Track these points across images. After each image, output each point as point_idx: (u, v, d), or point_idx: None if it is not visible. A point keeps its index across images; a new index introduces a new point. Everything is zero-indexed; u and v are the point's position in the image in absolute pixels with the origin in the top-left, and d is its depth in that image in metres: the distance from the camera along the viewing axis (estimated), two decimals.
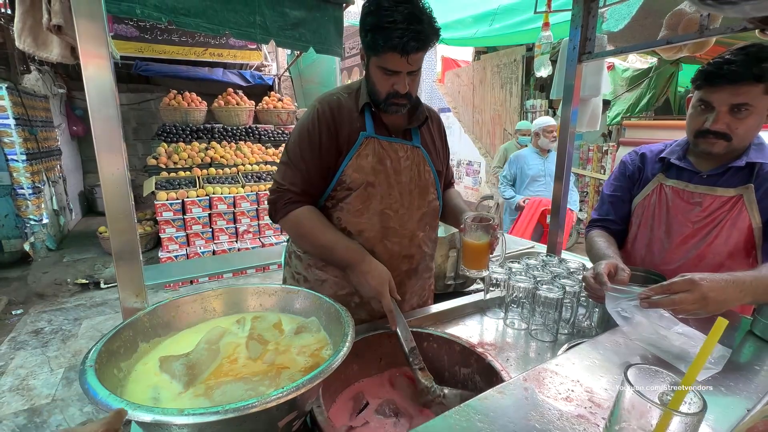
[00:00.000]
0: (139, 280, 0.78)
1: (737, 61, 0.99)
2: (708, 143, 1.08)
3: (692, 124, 1.12)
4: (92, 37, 0.65)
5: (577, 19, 1.37)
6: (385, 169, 1.08)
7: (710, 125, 1.05)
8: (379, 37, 0.93)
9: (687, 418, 0.43)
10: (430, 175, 1.16)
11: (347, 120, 1.08)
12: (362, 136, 1.06)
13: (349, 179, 1.06)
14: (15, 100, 4.18)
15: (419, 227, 1.16)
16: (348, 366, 0.93)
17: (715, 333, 0.45)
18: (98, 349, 0.60)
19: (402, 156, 1.11)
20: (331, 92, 1.13)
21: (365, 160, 1.06)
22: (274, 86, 6.87)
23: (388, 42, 0.92)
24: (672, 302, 0.82)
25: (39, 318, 3.41)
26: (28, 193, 4.30)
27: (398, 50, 0.93)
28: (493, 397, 0.66)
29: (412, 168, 1.13)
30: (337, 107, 1.08)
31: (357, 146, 1.06)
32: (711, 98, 1.05)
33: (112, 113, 0.71)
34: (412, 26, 0.91)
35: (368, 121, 1.08)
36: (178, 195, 4.26)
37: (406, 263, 1.17)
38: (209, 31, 2.83)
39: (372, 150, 1.07)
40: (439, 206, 1.23)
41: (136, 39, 5.62)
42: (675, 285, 0.82)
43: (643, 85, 6.20)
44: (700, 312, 0.83)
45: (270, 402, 0.50)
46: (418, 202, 1.15)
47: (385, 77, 1.00)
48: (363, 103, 1.07)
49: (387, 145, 1.09)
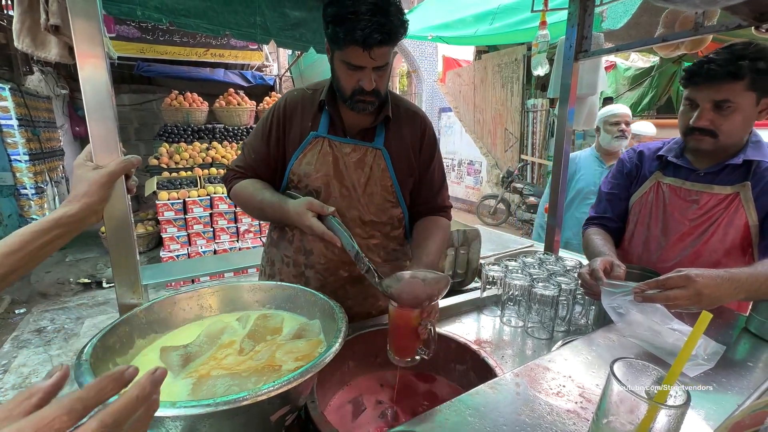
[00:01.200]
0: (136, 277, 0.78)
1: (717, 60, 1.01)
2: (695, 140, 1.10)
3: (681, 122, 1.15)
4: (88, 37, 0.66)
5: (574, 18, 1.37)
6: (328, 170, 1.04)
7: (694, 122, 1.07)
8: (340, 29, 0.87)
9: (671, 410, 0.44)
10: (388, 180, 1.08)
11: (301, 116, 1.07)
12: (311, 136, 1.05)
13: (295, 177, 1.07)
14: (18, 101, 4.21)
15: (365, 233, 1.09)
16: (343, 362, 0.94)
17: (700, 327, 0.45)
18: (93, 344, 0.60)
19: (354, 157, 1.06)
20: (301, 87, 1.12)
21: (310, 158, 1.05)
22: (275, 86, 6.90)
23: (349, 35, 0.86)
24: (666, 298, 0.82)
25: (42, 317, 3.44)
26: (31, 194, 4.34)
27: (360, 44, 0.86)
28: (485, 392, 0.66)
29: (365, 171, 1.06)
30: (294, 102, 1.08)
31: (304, 145, 1.06)
32: (695, 96, 1.08)
33: (108, 113, 0.71)
34: (376, 18, 0.84)
35: (323, 119, 1.06)
36: (180, 195, 4.28)
37: (346, 269, 1.10)
38: (210, 32, 2.85)
39: (318, 149, 1.05)
40: (402, 214, 1.14)
41: (138, 40, 5.65)
42: (670, 280, 0.83)
43: (645, 84, 6.18)
44: (693, 308, 0.83)
45: (261, 395, 0.50)
46: (369, 208, 1.08)
47: (349, 72, 0.94)
48: (319, 100, 1.05)
49: (338, 145, 1.05)
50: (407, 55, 9.10)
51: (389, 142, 1.08)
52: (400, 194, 1.11)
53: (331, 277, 1.10)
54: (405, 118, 1.11)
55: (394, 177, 1.08)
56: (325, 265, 1.09)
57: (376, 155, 1.07)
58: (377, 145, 1.07)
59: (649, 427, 0.44)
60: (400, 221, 1.15)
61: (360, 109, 0.99)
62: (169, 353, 0.67)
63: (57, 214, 0.63)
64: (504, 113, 7.17)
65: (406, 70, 10.16)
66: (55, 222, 0.62)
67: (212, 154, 4.89)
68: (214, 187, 4.49)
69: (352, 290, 1.13)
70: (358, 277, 1.11)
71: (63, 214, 0.63)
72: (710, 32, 1.08)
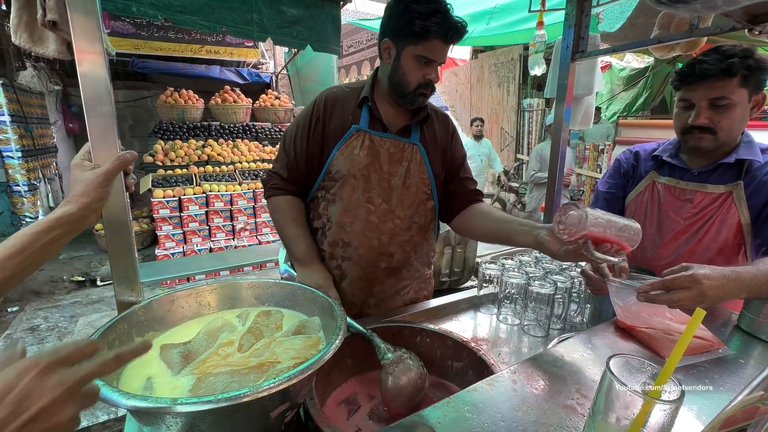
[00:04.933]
0: (134, 275, 0.78)
1: (709, 60, 1.04)
2: (695, 138, 1.12)
3: (678, 123, 1.16)
4: (86, 32, 0.66)
5: (571, 18, 1.38)
6: (370, 163, 1.09)
7: (693, 121, 1.09)
8: (429, 23, 0.95)
9: (666, 405, 0.44)
10: (425, 173, 1.14)
11: (341, 112, 1.11)
12: (353, 129, 1.09)
13: (334, 169, 1.10)
14: (10, 97, 4.15)
15: (403, 225, 1.14)
16: (341, 360, 0.94)
17: (693, 324, 0.46)
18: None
19: (393, 152, 1.11)
20: (337, 85, 1.18)
21: (352, 151, 1.09)
22: (271, 84, 6.86)
23: (436, 29, 0.96)
24: (669, 300, 0.81)
25: (35, 315, 3.41)
26: (23, 191, 4.28)
27: (443, 38, 0.97)
28: (483, 389, 0.67)
29: (403, 164, 1.11)
30: (333, 99, 1.13)
31: (346, 138, 1.09)
32: (690, 96, 1.10)
33: (106, 109, 0.71)
34: (454, 17, 0.97)
35: (364, 115, 1.10)
36: (175, 192, 4.25)
37: (385, 261, 1.14)
38: (206, 29, 2.83)
39: (360, 143, 1.09)
40: (435, 207, 1.19)
41: (133, 36, 5.60)
42: (676, 281, 0.81)
43: (639, 85, 6.23)
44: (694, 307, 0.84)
45: (261, 392, 0.50)
46: (406, 200, 1.13)
47: (418, 67, 1.02)
48: (362, 98, 1.10)
49: (378, 140, 1.10)
50: None
51: (424, 139, 1.15)
52: (434, 187, 1.17)
53: (369, 268, 1.13)
54: (436, 118, 1.19)
55: (430, 171, 1.15)
56: (365, 257, 1.12)
57: (414, 150, 1.13)
58: (414, 141, 1.13)
59: (644, 422, 0.45)
60: (433, 214, 1.20)
61: (420, 102, 1.08)
62: (169, 351, 0.68)
63: (56, 215, 0.62)
64: (500, 112, 7.19)
65: None
66: (55, 222, 0.62)
67: (208, 151, 4.86)
68: (210, 184, 4.47)
69: (387, 282, 1.17)
70: (394, 268, 1.16)
71: (62, 214, 0.63)
72: (705, 34, 1.10)
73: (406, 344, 1.00)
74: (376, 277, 1.15)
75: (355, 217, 1.10)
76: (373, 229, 1.11)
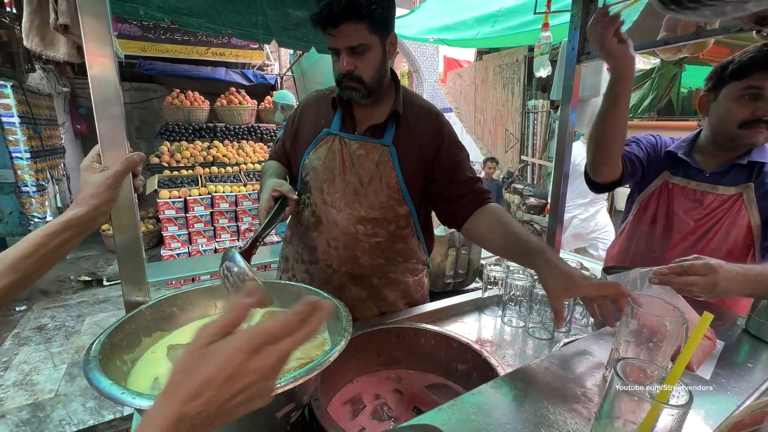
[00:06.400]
0: (142, 275, 0.79)
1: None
2: (754, 133, 1.06)
3: (738, 115, 1.07)
4: (97, 36, 0.67)
5: (576, 20, 1.38)
6: (336, 166, 1.07)
7: (764, 113, 1.02)
8: (313, 14, 0.94)
9: (674, 410, 0.44)
10: (394, 176, 1.06)
11: (316, 114, 1.13)
12: (324, 132, 1.09)
13: (304, 173, 1.12)
14: (20, 99, 4.21)
15: (367, 230, 1.08)
16: (346, 361, 0.94)
17: (701, 328, 0.46)
18: (101, 340, 0.61)
19: (360, 154, 1.06)
20: (324, 88, 1.19)
21: (320, 154, 1.09)
22: (276, 85, 6.89)
23: (317, 17, 0.93)
24: (684, 282, 0.82)
25: (42, 314, 3.45)
26: (32, 191, 4.33)
27: (322, 23, 0.93)
28: (487, 391, 0.67)
29: (369, 167, 1.06)
30: (311, 101, 1.17)
31: (316, 141, 1.10)
32: (764, 84, 1.01)
33: (116, 111, 0.72)
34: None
35: (336, 118, 1.10)
36: (181, 193, 4.28)
37: (349, 266, 1.10)
38: (212, 31, 2.85)
39: (328, 146, 1.08)
40: (410, 212, 1.11)
41: (140, 38, 5.65)
42: (693, 267, 0.83)
43: (645, 86, 6.19)
44: (702, 295, 0.84)
45: None
46: (373, 204, 1.06)
47: (335, 59, 1.00)
48: (332, 99, 1.10)
49: (346, 142, 1.07)
50: (408, 55, 9.10)
51: (398, 140, 1.07)
52: (406, 192, 1.08)
53: (334, 274, 1.11)
54: (418, 116, 1.10)
55: (400, 174, 1.06)
56: (328, 262, 1.11)
57: (383, 152, 1.06)
58: (385, 142, 1.06)
59: (651, 427, 0.45)
60: (407, 219, 1.12)
61: (347, 96, 1.03)
62: (176, 351, 0.68)
63: (66, 216, 0.64)
64: (505, 114, 7.17)
65: (407, 70, 10.16)
66: (66, 224, 0.63)
67: (213, 152, 4.89)
68: (215, 185, 4.50)
69: (354, 289, 1.13)
70: (361, 275, 1.12)
71: (72, 216, 0.64)
72: (712, 36, 1.09)
73: (410, 345, 1.00)
74: (343, 282, 1.12)
75: (319, 221, 1.10)
76: (336, 233, 1.08)
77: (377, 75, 1.01)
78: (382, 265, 1.13)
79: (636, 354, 0.63)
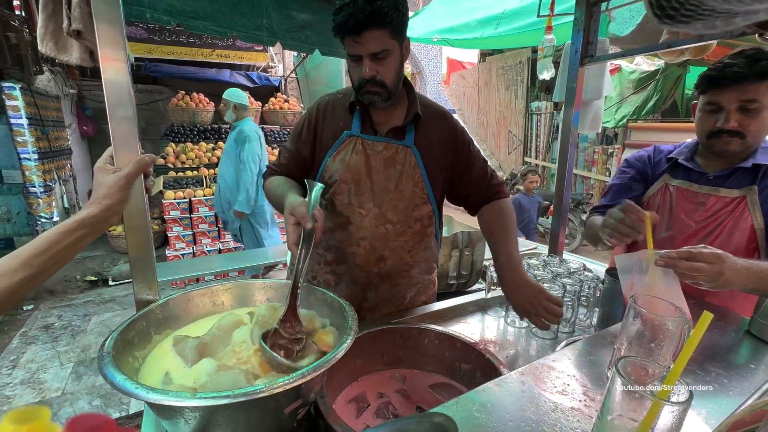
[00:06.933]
0: (153, 274, 0.81)
1: (739, 63, 1.03)
2: (723, 142, 1.11)
3: (703, 126, 1.14)
4: (111, 41, 0.69)
5: (580, 23, 1.39)
6: (362, 167, 1.08)
7: (723, 124, 1.08)
8: (335, 23, 0.94)
9: (674, 407, 0.45)
10: (419, 177, 1.10)
11: (333, 118, 1.12)
12: (345, 135, 1.09)
13: (327, 175, 1.11)
14: (28, 100, 4.26)
15: (396, 230, 1.11)
16: (352, 360, 0.95)
17: (700, 327, 0.47)
18: (114, 337, 0.63)
19: (385, 155, 1.08)
20: (333, 92, 1.18)
21: (344, 156, 1.09)
22: (280, 87, 6.93)
23: (339, 26, 0.93)
24: (690, 267, 0.83)
25: (49, 313, 3.48)
26: (39, 192, 4.38)
27: (346, 32, 0.94)
28: (491, 389, 0.68)
29: (396, 167, 1.09)
30: (326, 106, 1.14)
31: (338, 144, 1.10)
32: (719, 99, 1.08)
33: (128, 113, 0.74)
34: (360, 5, 0.90)
35: (355, 121, 1.10)
36: (186, 194, 4.32)
37: (377, 266, 1.12)
38: (217, 34, 2.88)
39: (351, 148, 1.09)
40: (432, 212, 1.15)
41: (145, 40, 5.71)
42: (702, 254, 0.84)
43: (649, 88, 6.17)
44: (705, 285, 0.85)
45: (276, 388, 0.52)
46: (399, 204, 1.10)
47: (353, 66, 1.00)
48: (349, 102, 1.10)
49: (369, 144, 1.08)
50: (411, 56, 9.11)
51: (419, 141, 1.11)
52: (430, 191, 1.12)
53: (362, 273, 1.13)
54: (434, 118, 1.14)
55: (425, 174, 1.11)
56: (357, 262, 1.12)
57: (407, 153, 1.09)
58: (408, 143, 1.10)
59: (652, 424, 0.46)
60: (431, 219, 1.16)
61: (368, 100, 1.03)
62: (184, 343, 0.70)
63: (80, 216, 0.66)
64: (508, 116, 7.18)
65: (410, 71, 10.19)
66: (79, 223, 0.65)
67: (218, 154, 4.93)
68: None
69: (381, 287, 1.16)
70: (388, 274, 1.15)
71: (86, 215, 0.66)
72: (714, 39, 1.10)
73: (414, 345, 1.01)
74: (370, 281, 1.14)
75: (346, 222, 1.10)
76: (364, 233, 1.10)
77: (396, 78, 1.03)
78: (408, 264, 1.16)
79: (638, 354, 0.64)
